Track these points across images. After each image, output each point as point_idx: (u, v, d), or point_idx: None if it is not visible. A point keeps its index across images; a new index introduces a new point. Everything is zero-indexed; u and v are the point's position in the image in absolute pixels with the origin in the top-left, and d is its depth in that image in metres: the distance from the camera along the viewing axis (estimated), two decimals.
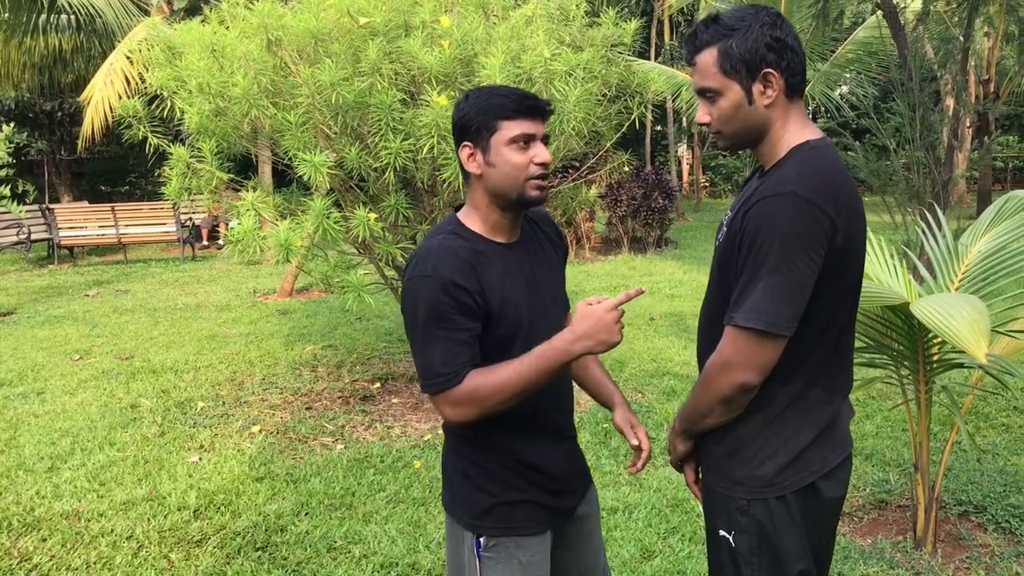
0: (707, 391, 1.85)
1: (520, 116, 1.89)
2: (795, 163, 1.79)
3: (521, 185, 1.91)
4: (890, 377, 3.77)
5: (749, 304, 1.74)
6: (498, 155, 1.90)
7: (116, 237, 14.75)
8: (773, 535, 1.87)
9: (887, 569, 3.41)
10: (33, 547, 3.81)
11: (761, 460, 1.86)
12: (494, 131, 1.89)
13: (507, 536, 1.99)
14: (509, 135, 1.88)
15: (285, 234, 4.42)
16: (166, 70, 5.09)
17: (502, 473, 2.00)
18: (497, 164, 1.90)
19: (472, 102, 1.93)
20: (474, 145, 1.93)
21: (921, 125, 7.91)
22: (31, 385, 6.54)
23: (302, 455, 4.90)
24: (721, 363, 1.80)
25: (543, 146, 1.92)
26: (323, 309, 9.47)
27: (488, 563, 1.98)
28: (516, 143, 1.89)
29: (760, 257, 1.73)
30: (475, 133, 1.91)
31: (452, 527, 2.06)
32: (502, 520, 1.99)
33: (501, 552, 1.98)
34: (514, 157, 1.89)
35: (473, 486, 2.00)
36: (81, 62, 16.13)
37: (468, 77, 4.72)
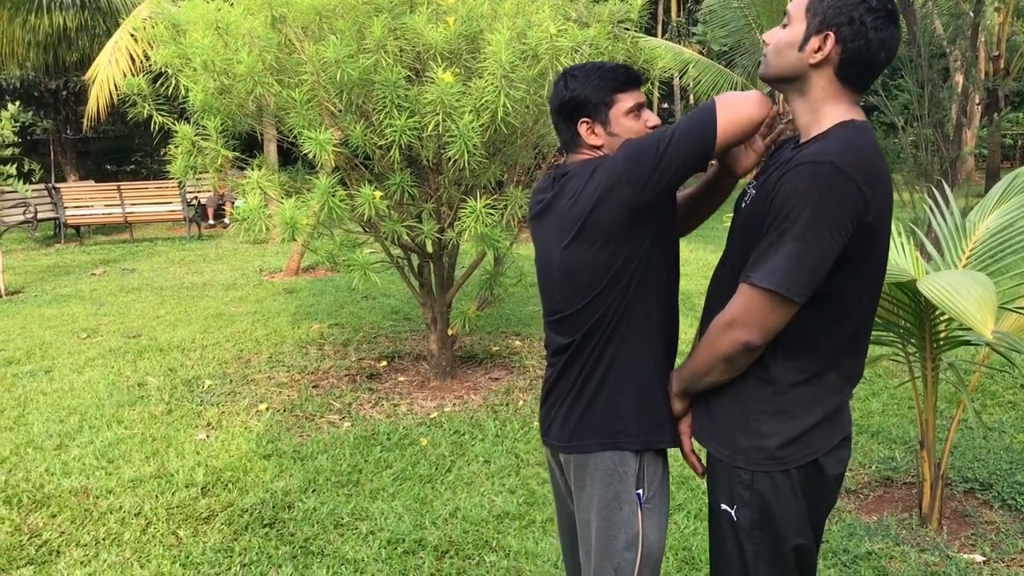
0: (710, 348, 1.87)
1: (632, 88, 2.11)
2: (838, 137, 1.79)
3: None
4: (896, 355, 3.76)
5: (768, 266, 1.75)
6: (618, 125, 2.09)
7: (122, 216, 14.76)
8: (775, 509, 1.88)
9: (892, 546, 3.42)
10: (43, 523, 3.84)
11: (767, 433, 1.87)
12: (612, 104, 2.09)
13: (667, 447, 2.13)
14: (626, 106, 2.09)
15: (291, 212, 4.41)
16: (170, 48, 5.07)
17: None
18: (619, 133, 2.09)
19: (583, 80, 2.10)
20: (592, 120, 2.11)
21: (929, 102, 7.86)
22: (39, 363, 6.56)
23: (309, 433, 4.92)
24: (728, 320, 1.82)
25: (649, 111, 2.14)
26: (329, 288, 9.48)
27: (648, 512, 2.09)
28: (632, 112, 2.10)
29: (787, 222, 1.73)
30: (594, 108, 2.10)
31: (607, 472, 2.10)
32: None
33: (658, 501, 2.11)
34: (633, 125, 2.09)
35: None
36: (86, 40, 16.09)
37: (473, 54, 4.69)
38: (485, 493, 4.04)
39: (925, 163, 7.95)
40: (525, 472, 4.27)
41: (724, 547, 1.97)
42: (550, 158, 5.67)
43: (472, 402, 5.39)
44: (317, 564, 3.41)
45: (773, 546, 1.90)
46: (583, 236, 2.03)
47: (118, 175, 22.46)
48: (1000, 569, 3.28)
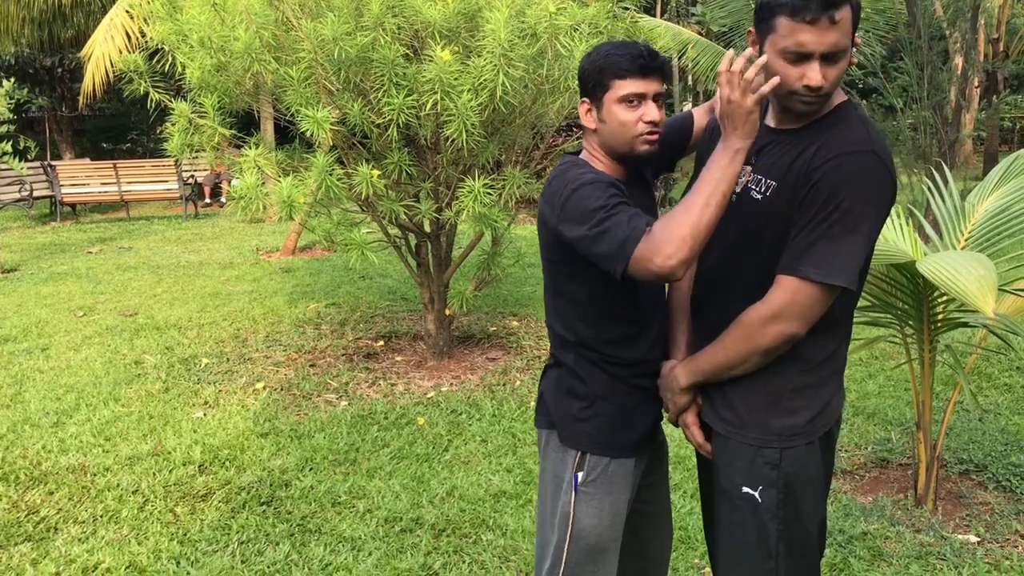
0: (748, 341, 1.85)
1: (632, 75, 1.93)
2: (861, 121, 1.80)
3: (629, 141, 1.97)
4: (894, 336, 3.77)
5: (819, 258, 1.74)
6: (609, 112, 1.97)
7: (119, 194, 14.71)
8: (800, 486, 1.91)
9: (888, 526, 3.44)
10: (40, 500, 3.84)
11: (796, 409, 1.91)
12: (607, 89, 1.96)
13: (608, 456, 2.08)
14: (620, 93, 1.95)
15: (288, 191, 4.39)
16: (167, 24, 5.03)
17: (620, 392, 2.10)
18: (608, 121, 1.98)
19: (591, 60, 1.99)
20: (590, 102, 2.01)
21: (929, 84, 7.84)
22: (36, 341, 6.55)
23: (306, 411, 4.93)
24: (771, 314, 1.80)
25: (653, 105, 1.96)
26: (326, 267, 9.47)
27: (583, 496, 2.07)
28: (626, 101, 1.95)
29: (838, 212, 1.72)
30: (591, 90, 2.00)
31: (555, 448, 2.14)
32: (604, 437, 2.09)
33: (598, 487, 2.07)
34: (623, 115, 1.95)
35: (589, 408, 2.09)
36: (81, 17, 15.97)
37: (472, 32, 4.66)
38: (482, 472, 4.05)
39: (924, 145, 7.95)
40: (522, 451, 4.28)
41: (744, 530, 1.96)
42: (548, 138, 5.65)
43: (469, 382, 5.40)
44: (314, 542, 3.42)
45: (797, 522, 1.93)
46: (539, 235, 2.07)
47: (114, 153, 22.37)
48: (994, 549, 3.29)
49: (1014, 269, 3.75)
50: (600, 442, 2.07)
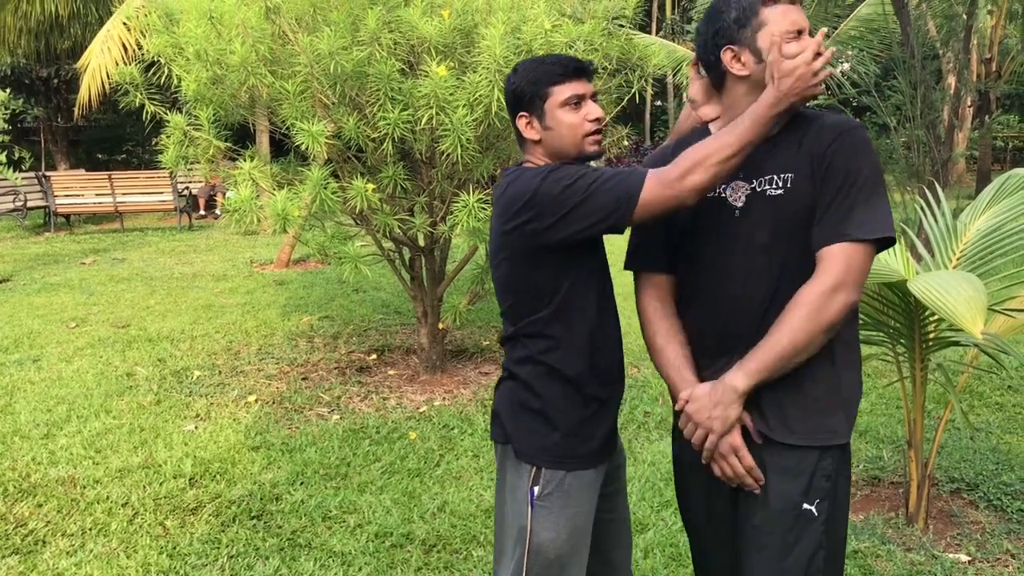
0: (815, 319, 1.80)
1: (568, 79, 2.01)
2: (825, 111, 1.93)
3: (579, 142, 2.03)
4: (886, 355, 3.78)
5: (861, 220, 1.81)
6: (554, 118, 2.02)
7: (113, 205, 14.70)
8: (840, 493, 1.92)
9: (879, 544, 3.44)
10: (29, 512, 3.82)
11: (836, 409, 1.91)
12: (547, 97, 2.02)
13: (564, 470, 2.07)
14: (561, 98, 2.01)
15: (282, 204, 4.40)
16: (163, 37, 5.04)
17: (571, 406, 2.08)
18: (554, 127, 2.02)
19: (522, 74, 2.05)
20: (530, 114, 2.05)
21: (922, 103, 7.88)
22: (27, 352, 6.53)
23: (298, 425, 4.91)
24: (833, 286, 1.80)
25: (593, 103, 2.04)
26: (320, 280, 9.46)
27: (540, 510, 2.06)
28: (569, 104, 2.01)
29: (861, 179, 1.82)
30: (529, 102, 2.04)
31: (511, 463, 2.13)
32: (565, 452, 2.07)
33: (555, 501, 2.06)
34: (569, 118, 2.01)
35: (543, 420, 2.08)
36: (78, 28, 15.99)
37: (468, 48, 4.68)
38: (473, 488, 4.04)
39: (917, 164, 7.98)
40: None
41: (800, 548, 1.89)
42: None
43: (462, 396, 5.39)
44: (304, 556, 3.41)
45: (836, 534, 1.91)
46: (494, 250, 2.06)
47: (109, 164, 22.36)
48: (985, 569, 3.29)
49: (1006, 288, 3.77)
50: (555, 456, 2.06)
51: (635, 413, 5.00)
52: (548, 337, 2.05)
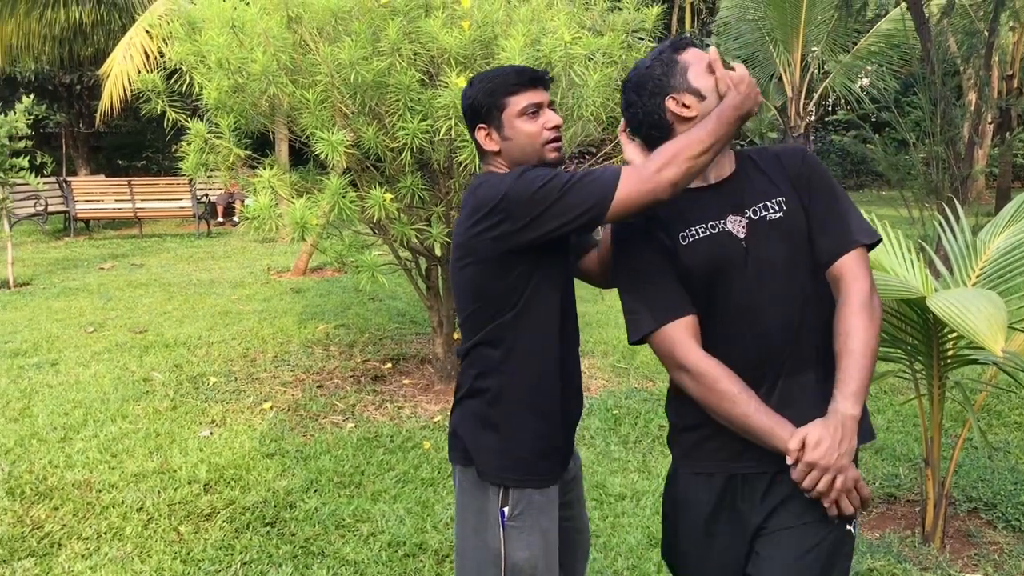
0: (876, 322, 1.82)
1: (524, 89, 2.03)
2: (762, 146, 2.05)
3: (539, 150, 2.04)
4: (903, 371, 3.75)
5: (857, 225, 1.90)
6: (512, 128, 2.04)
7: (132, 211, 14.81)
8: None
9: (894, 563, 3.41)
10: (45, 515, 3.84)
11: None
12: (504, 108, 2.04)
13: (530, 488, 2.04)
14: (518, 108, 2.03)
15: (301, 212, 4.42)
16: (186, 45, 5.09)
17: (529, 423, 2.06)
18: (513, 137, 2.04)
19: (478, 86, 2.07)
20: (488, 125, 2.07)
21: (942, 119, 7.85)
22: (45, 356, 6.58)
23: (312, 432, 4.92)
24: (870, 288, 1.84)
25: (551, 111, 2.06)
26: (336, 288, 9.50)
27: (512, 531, 2.03)
28: (526, 114, 2.03)
29: (839, 192, 1.93)
30: (487, 114, 2.06)
31: (475, 484, 2.08)
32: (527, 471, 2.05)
33: (526, 520, 2.03)
34: (527, 127, 2.03)
35: (500, 437, 2.05)
36: (101, 36, 16.15)
37: (487, 59, 4.70)
38: None
39: (936, 180, 7.94)
40: None
41: (840, 571, 1.87)
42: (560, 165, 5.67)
43: None
44: (317, 564, 3.41)
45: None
46: (459, 255, 2.04)
47: (129, 170, 22.52)
48: None
49: None
50: (521, 474, 2.03)
51: (650, 427, 4.98)
52: (509, 344, 2.02)
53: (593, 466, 4.41)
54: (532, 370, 2.03)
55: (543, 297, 2.02)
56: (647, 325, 1.88)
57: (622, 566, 3.39)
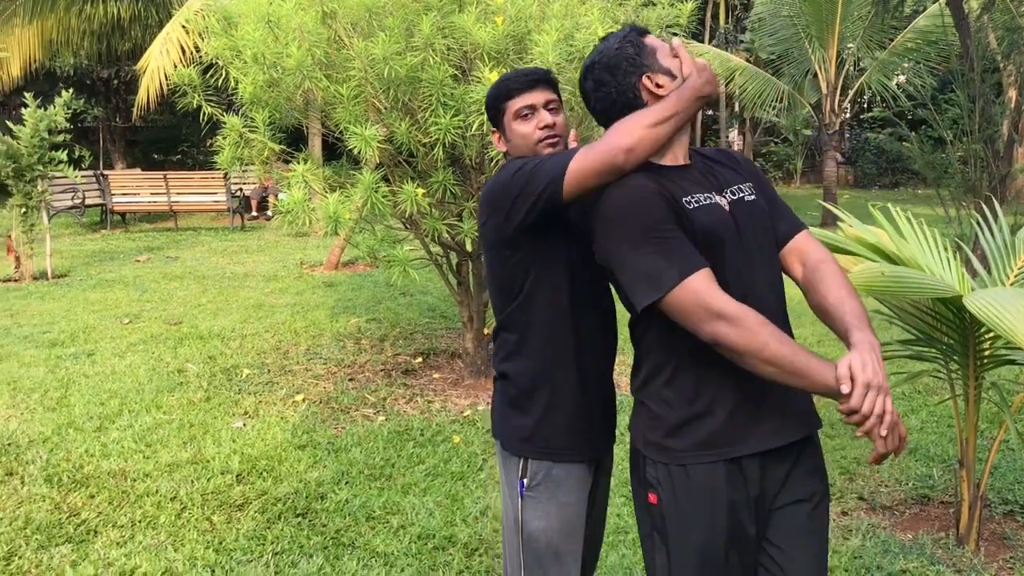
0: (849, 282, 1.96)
1: (521, 92, 2.14)
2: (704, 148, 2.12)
3: (534, 149, 2.13)
4: (938, 371, 3.71)
5: (795, 215, 2.05)
6: (511, 130, 2.17)
7: (167, 204, 14.98)
8: None
9: (928, 565, 3.38)
10: (81, 503, 3.91)
11: None
12: (504, 112, 2.17)
13: (548, 460, 2.12)
14: (513, 111, 2.15)
15: (334, 206, 4.45)
16: (222, 40, 5.13)
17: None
18: (512, 138, 2.17)
19: (489, 93, 2.21)
20: (497, 128, 2.22)
21: (980, 117, 7.74)
22: (82, 346, 6.68)
23: (343, 425, 4.96)
24: (831, 256, 1.96)
25: (546, 111, 2.14)
26: (368, 283, 9.55)
27: (529, 500, 2.13)
28: (520, 116, 2.14)
29: (771, 184, 2.06)
30: (494, 118, 2.21)
31: (504, 456, 2.22)
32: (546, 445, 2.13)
33: (543, 491, 2.12)
34: (521, 128, 2.14)
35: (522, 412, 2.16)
36: (138, 31, 16.35)
37: (520, 55, 4.70)
38: None
39: (974, 179, 7.84)
40: None
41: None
42: None
43: None
44: (348, 556, 3.44)
45: None
46: (483, 250, 2.17)
47: (165, 164, 22.79)
48: None
49: None
50: (537, 447, 2.13)
51: None
52: (522, 330, 2.13)
53: (622, 463, 4.40)
54: (544, 355, 2.12)
55: (546, 287, 2.10)
56: (668, 280, 1.73)
57: None
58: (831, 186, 15.82)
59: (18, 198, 9.53)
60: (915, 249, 3.32)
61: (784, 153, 26.26)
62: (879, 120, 25.67)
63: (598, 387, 2.19)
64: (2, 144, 9.27)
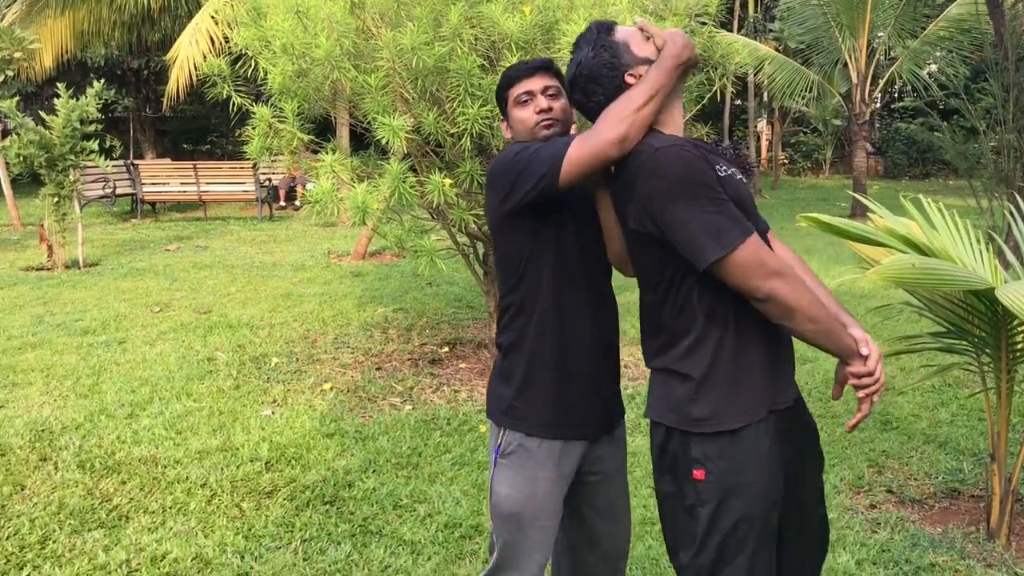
0: None
1: (520, 79, 2.22)
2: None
3: (532, 131, 2.19)
4: (969, 364, 3.68)
5: None
6: (512, 118, 2.25)
7: (197, 194, 15.10)
8: None
9: (958, 559, 3.35)
10: (113, 489, 3.96)
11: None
12: (507, 100, 2.25)
13: (522, 432, 2.21)
14: (513, 97, 2.23)
15: (362, 196, 4.46)
16: (251, 30, 5.15)
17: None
18: (514, 124, 2.25)
19: (498, 83, 2.29)
20: (504, 117, 2.30)
21: (1015, 107, 7.62)
22: (113, 334, 6.76)
23: (371, 414, 4.99)
24: None
25: (543, 97, 2.20)
26: (395, 273, 9.59)
27: (500, 467, 2.23)
28: (520, 102, 2.22)
29: None
30: (501, 108, 2.29)
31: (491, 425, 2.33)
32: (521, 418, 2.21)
33: (515, 461, 2.20)
34: (520, 113, 2.22)
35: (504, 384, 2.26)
36: (168, 21, 16.48)
37: (548, 44, 4.68)
38: None
39: (1007, 169, 7.72)
40: None
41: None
42: None
43: None
44: (375, 543, 3.47)
45: None
46: (489, 225, 2.24)
47: (194, 154, 22.98)
48: None
49: None
50: (515, 417, 2.21)
51: None
52: (516, 307, 2.21)
53: (648, 454, 4.40)
54: (526, 331, 2.19)
55: (536, 265, 2.16)
56: (735, 237, 1.80)
57: None
58: (861, 177, 15.67)
59: (51, 188, 9.64)
60: (947, 240, 3.28)
61: (813, 143, 26.03)
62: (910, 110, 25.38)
63: (586, 368, 2.21)
64: (35, 134, 9.39)
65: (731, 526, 1.86)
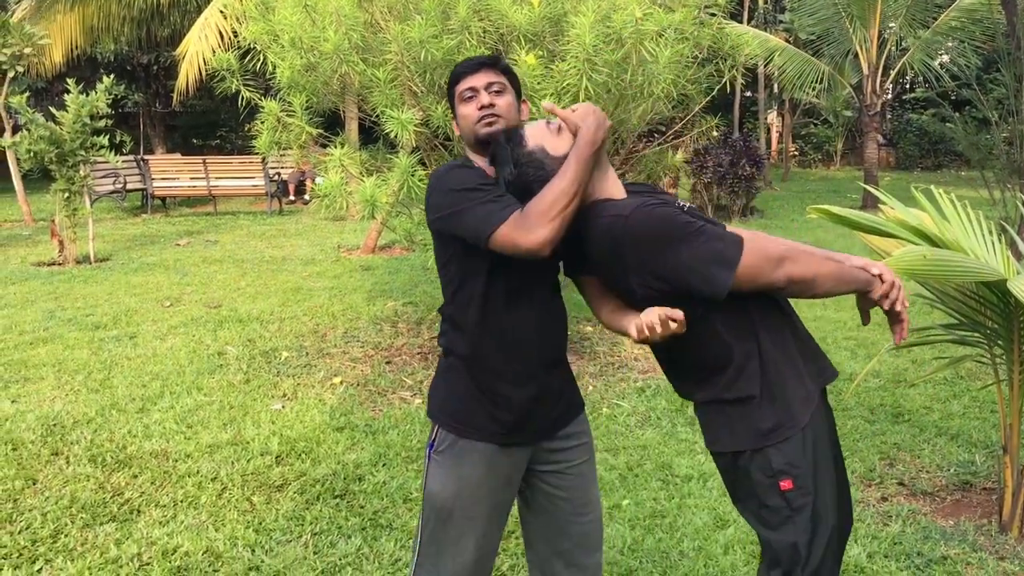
0: None
1: (465, 76, 2.20)
2: None
3: (473, 129, 2.18)
4: (981, 356, 3.65)
5: None
6: (457, 113, 2.23)
7: (207, 189, 15.14)
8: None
9: (969, 552, 3.33)
10: (125, 483, 3.98)
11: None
12: (454, 96, 2.23)
13: (453, 433, 2.22)
14: (458, 94, 2.21)
15: (371, 190, 4.46)
16: (259, 24, 5.16)
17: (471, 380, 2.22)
18: (459, 120, 2.23)
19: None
20: (454, 114, 2.27)
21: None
22: (124, 329, 6.78)
23: (381, 408, 5.00)
24: None
25: (486, 93, 2.18)
26: (404, 266, 9.59)
27: (434, 463, 2.25)
28: (463, 99, 2.20)
29: None
30: (450, 104, 2.27)
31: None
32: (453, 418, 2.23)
33: (446, 458, 2.22)
34: (463, 109, 2.20)
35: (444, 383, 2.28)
36: (177, 16, 16.50)
37: (556, 36, 4.67)
38: None
39: (1019, 160, 7.67)
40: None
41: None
42: (629, 144, 5.63)
43: None
44: (385, 536, 3.47)
45: None
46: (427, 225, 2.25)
47: (203, 149, 23.04)
48: None
49: None
50: (446, 419, 2.23)
51: None
52: (453, 315, 2.22)
53: (659, 447, 4.40)
54: (461, 344, 2.20)
55: (468, 282, 2.16)
56: (735, 252, 1.88)
57: (688, 547, 3.38)
58: (872, 168, 15.60)
59: (61, 183, 9.67)
60: (959, 232, 3.26)
61: (824, 135, 25.92)
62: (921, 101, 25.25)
63: (525, 379, 2.20)
64: (45, 129, 9.41)
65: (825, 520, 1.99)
